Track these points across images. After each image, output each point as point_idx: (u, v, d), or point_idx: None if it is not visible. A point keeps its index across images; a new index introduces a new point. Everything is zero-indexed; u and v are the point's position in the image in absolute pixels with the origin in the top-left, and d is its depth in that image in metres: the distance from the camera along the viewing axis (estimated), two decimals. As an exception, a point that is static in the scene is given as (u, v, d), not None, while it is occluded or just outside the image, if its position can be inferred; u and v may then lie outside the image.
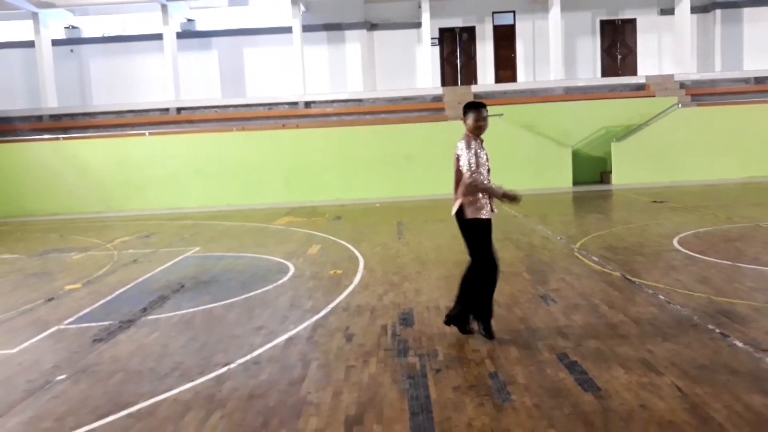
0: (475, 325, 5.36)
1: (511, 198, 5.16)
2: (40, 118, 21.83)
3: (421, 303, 6.47)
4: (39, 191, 18.78)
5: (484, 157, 5.21)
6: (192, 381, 4.64)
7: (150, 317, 6.49)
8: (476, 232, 5.20)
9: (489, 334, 5.20)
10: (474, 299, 5.26)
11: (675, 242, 9.09)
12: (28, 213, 18.52)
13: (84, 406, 4.29)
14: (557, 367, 4.54)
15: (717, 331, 5.13)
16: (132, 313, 6.67)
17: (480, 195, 5.14)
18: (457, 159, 5.20)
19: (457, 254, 9.04)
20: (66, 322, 6.49)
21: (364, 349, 5.14)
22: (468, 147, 5.12)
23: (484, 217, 5.15)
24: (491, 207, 5.22)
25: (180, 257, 10.01)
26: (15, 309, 7.15)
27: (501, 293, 6.72)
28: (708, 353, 4.66)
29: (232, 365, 4.92)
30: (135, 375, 4.85)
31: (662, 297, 6.23)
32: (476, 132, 5.20)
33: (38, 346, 5.72)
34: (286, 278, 8.03)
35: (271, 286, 7.61)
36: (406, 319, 5.92)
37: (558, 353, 4.81)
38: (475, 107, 5.22)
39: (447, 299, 6.54)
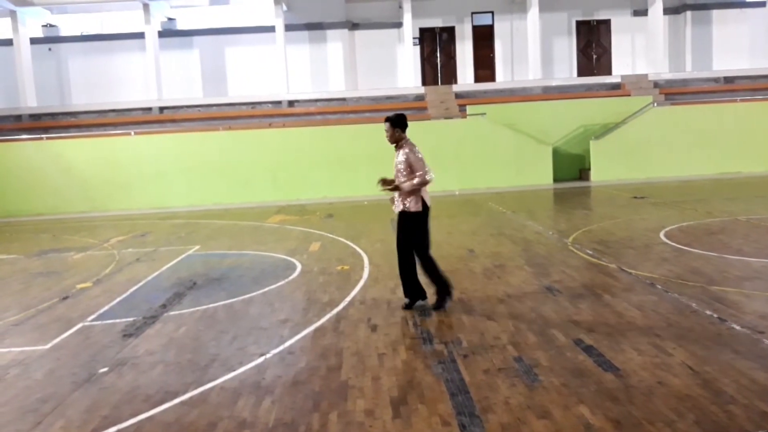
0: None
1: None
2: (19, 117, 21.65)
3: (433, 296, 6.78)
4: (22, 191, 18.63)
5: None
6: (233, 370, 4.90)
7: (172, 313, 6.71)
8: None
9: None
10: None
11: (662, 236, 9.59)
12: (12, 213, 18.37)
13: (136, 396, 4.52)
14: (575, 350, 4.92)
15: (715, 316, 5.57)
16: (153, 310, 6.87)
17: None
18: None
19: (456, 249, 9.44)
20: (89, 319, 6.66)
21: (391, 338, 5.45)
22: (413, 150, 6.21)
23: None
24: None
25: (183, 256, 10.18)
26: (34, 307, 7.29)
27: (509, 285, 7.11)
28: (710, 336, 5.09)
29: (268, 355, 5.19)
30: (175, 366, 5.08)
31: (659, 286, 6.67)
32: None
33: (70, 342, 5.90)
34: (295, 274, 8.30)
35: (283, 282, 7.87)
36: (423, 311, 6.24)
37: (573, 339, 5.19)
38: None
39: (457, 291, 6.88)
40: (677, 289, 6.54)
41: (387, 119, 6.26)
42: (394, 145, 6.29)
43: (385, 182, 6.28)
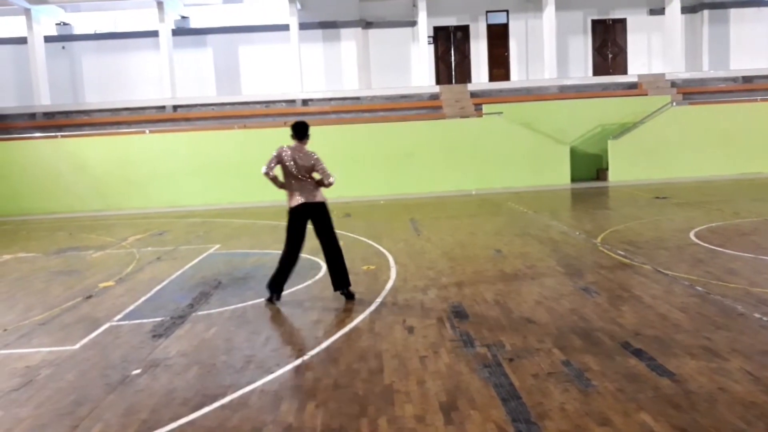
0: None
1: None
2: (33, 115, 21.60)
3: (468, 297, 6.64)
4: (36, 189, 18.57)
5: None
6: (272, 373, 4.75)
7: (200, 313, 6.57)
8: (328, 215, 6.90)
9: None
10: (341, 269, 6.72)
11: (692, 236, 9.39)
12: (27, 212, 18.31)
13: (173, 399, 4.38)
14: (624, 354, 4.75)
15: (765, 319, 5.39)
16: (180, 309, 6.74)
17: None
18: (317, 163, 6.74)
19: (483, 249, 9.28)
20: (116, 318, 6.53)
21: (430, 341, 5.29)
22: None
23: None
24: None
25: (204, 254, 10.06)
26: (58, 306, 7.17)
27: (543, 286, 6.94)
28: (764, 339, 4.91)
29: (306, 357, 5.04)
30: (211, 368, 4.94)
31: (700, 288, 6.48)
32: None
33: (98, 342, 5.77)
34: (321, 274, 8.14)
35: (310, 281, 7.74)
36: (459, 312, 6.08)
37: (620, 342, 5.01)
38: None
39: (491, 292, 6.74)
40: (719, 291, 6.35)
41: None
42: (297, 146, 6.87)
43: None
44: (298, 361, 4.96)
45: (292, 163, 6.69)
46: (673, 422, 3.64)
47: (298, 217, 6.74)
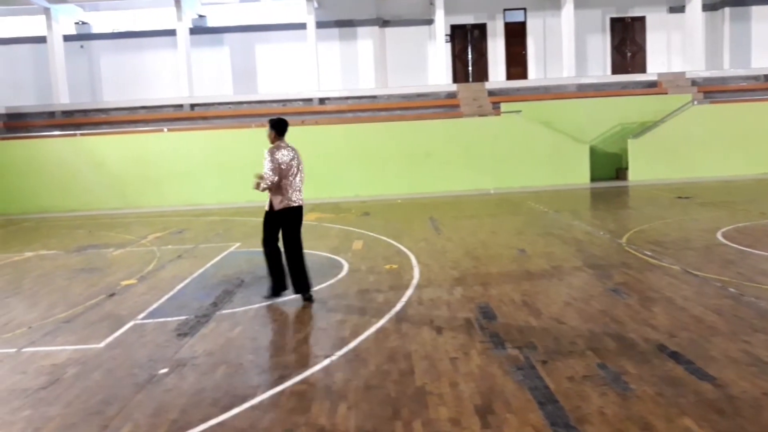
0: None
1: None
2: (52, 114, 21.73)
3: (494, 297, 6.54)
4: (55, 187, 18.66)
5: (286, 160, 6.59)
6: (300, 373, 4.68)
7: (224, 312, 6.52)
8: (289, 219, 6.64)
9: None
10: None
11: (719, 236, 9.22)
12: (45, 209, 18.41)
13: (202, 399, 4.32)
14: (661, 357, 4.63)
15: (804, 322, 5.25)
16: (204, 308, 6.70)
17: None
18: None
19: (506, 249, 9.17)
20: (140, 317, 6.50)
21: (459, 342, 5.20)
22: (271, 156, 6.50)
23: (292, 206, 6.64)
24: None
25: (224, 253, 10.04)
26: (81, 304, 7.16)
27: (571, 287, 6.83)
28: (805, 343, 4.77)
29: (334, 357, 4.97)
30: (238, 368, 4.88)
31: (732, 290, 6.34)
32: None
33: (123, 341, 5.74)
34: (343, 273, 8.09)
35: (333, 280, 7.67)
36: (487, 313, 5.98)
37: (656, 344, 4.90)
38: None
39: (518, 293, 6.63)
40: (753, 292, 6.21)
41: (269, 121, 6.87)
42: (285, 144, 6.77)
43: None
44: (327, 362, 4.89)
45: (293, 162, 6.64)
46: (718, 428, 3.53)
47: (286, 218, 6.65)
